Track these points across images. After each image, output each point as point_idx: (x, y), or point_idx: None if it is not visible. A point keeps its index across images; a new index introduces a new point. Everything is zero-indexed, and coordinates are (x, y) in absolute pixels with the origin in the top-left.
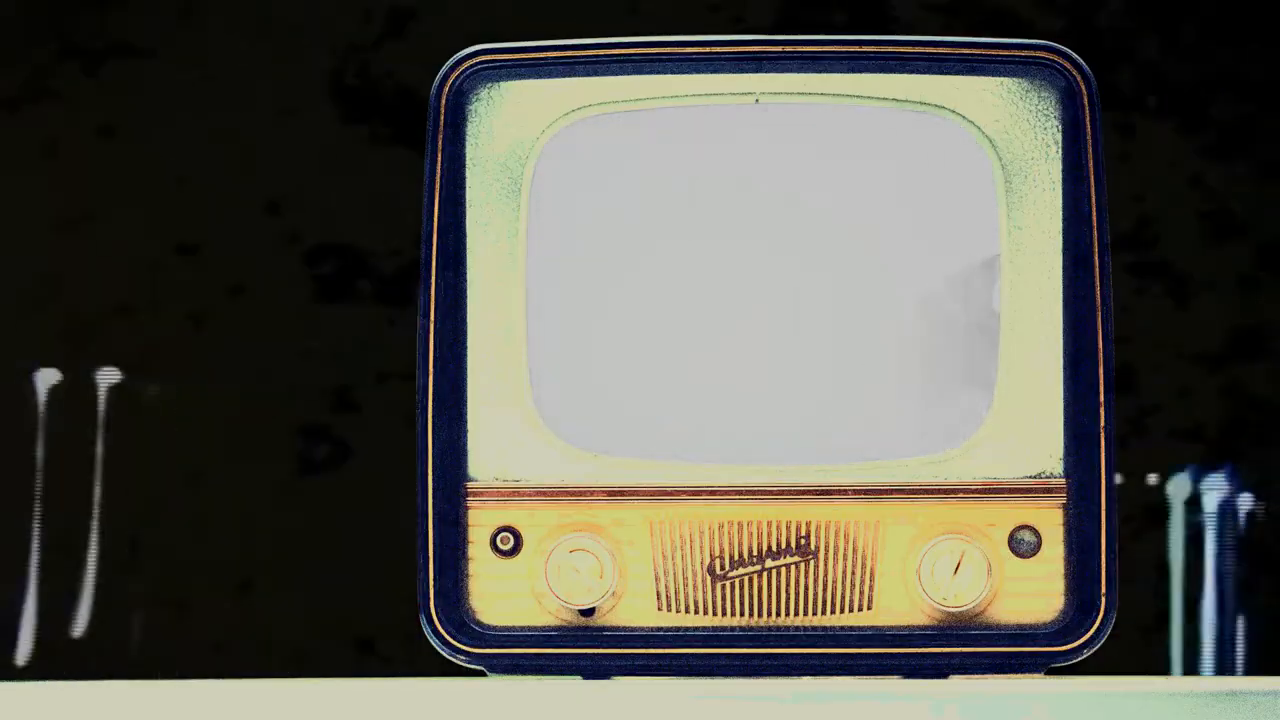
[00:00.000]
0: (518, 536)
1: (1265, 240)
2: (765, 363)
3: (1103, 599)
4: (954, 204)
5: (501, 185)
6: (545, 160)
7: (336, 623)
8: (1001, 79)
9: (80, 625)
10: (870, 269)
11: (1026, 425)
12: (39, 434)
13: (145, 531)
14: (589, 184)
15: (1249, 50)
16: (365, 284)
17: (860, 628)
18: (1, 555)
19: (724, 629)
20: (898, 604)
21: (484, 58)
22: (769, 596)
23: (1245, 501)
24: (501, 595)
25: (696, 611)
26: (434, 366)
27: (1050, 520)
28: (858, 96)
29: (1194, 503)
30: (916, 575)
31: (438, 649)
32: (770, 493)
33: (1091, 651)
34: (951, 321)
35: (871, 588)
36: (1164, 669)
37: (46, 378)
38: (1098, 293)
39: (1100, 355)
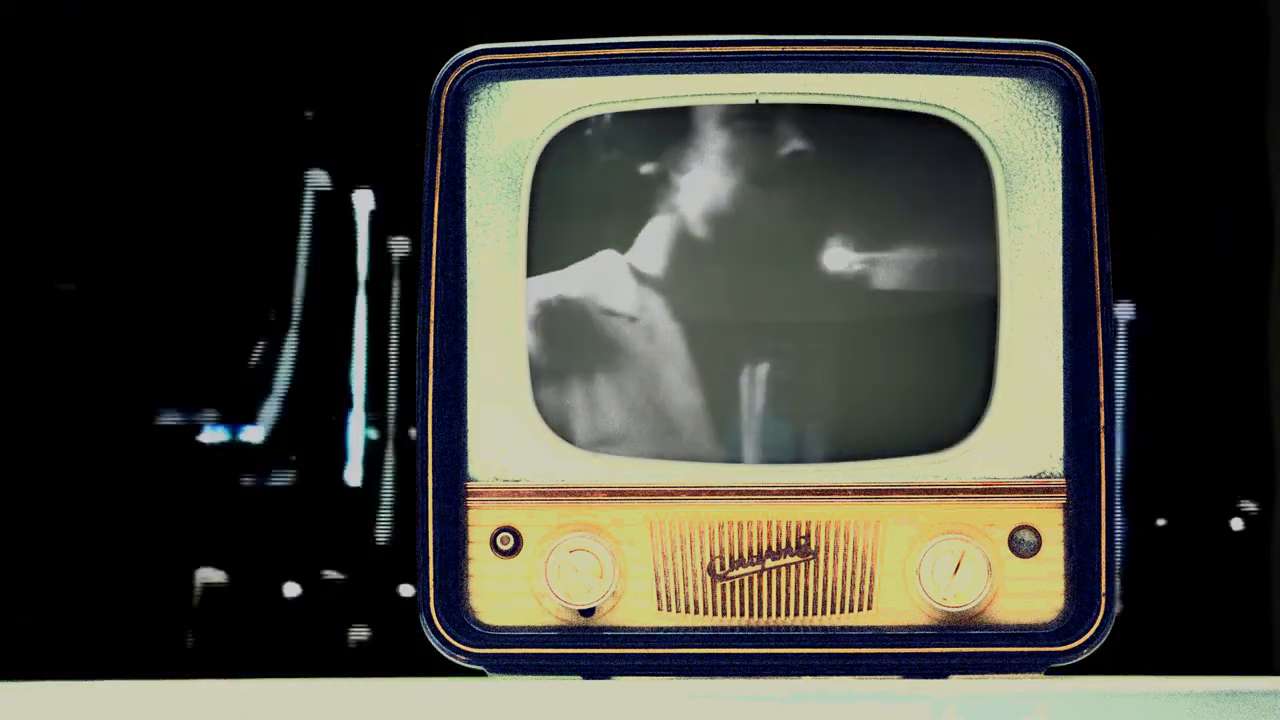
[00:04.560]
0: (518, 536)
1: None
2: (765, 362)
3: (1103, 599)
4: (954, 204)
5: (501, 185)
6: (545, 160)
7: (336, 622)
8: (1001, 79)
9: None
10: (870, 268)
11: (1026, 425)
12: None
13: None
14: (589, 184)
15: None
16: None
17: (860, 628)
18: None
19: (724, 629)
20: (898, 604)
21: (484, 58)
22: (769, 596)
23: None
24: (501, 595)
25: (696, 611)
26: (434, 366)
27: (1050, 520)
28: (858, 96)
29: None
30: (916, 575)
31: (438, 649)
32: (770, 493)
33: (1091, 651)
34: (952, 321)
35: (871, 588)
36: None
37: None
38: (1098, 293)
39: (1100, 355)
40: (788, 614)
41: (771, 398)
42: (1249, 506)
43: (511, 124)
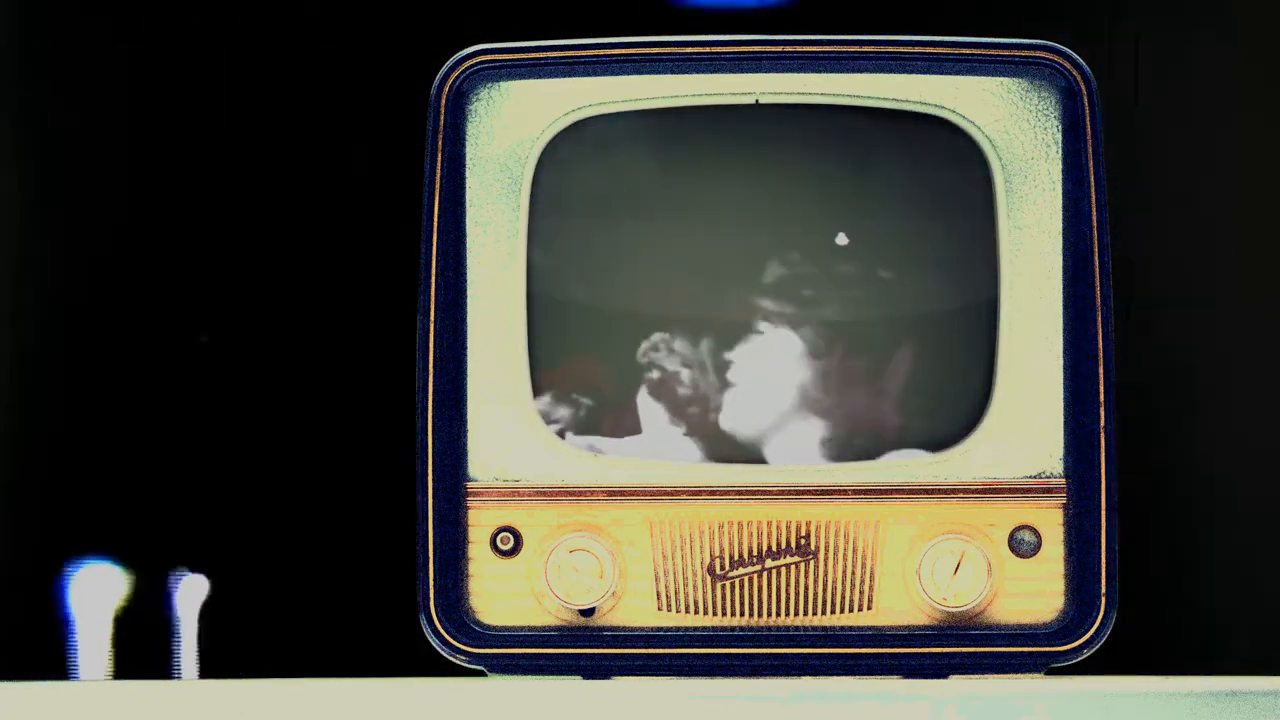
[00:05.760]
0: (518, 536)
1: None
2: (765, 362)
3: (1103, 599)
4: (954, 204)
5: (501, 185)
6: (545, 160)
7: (337, 622)
8: (1001, 79)
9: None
10: (870, 268)
11: (1026, 425)
12: None
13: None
14: (589, 184)
15: None
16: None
17: (860, 628)
18: None
19: (724, 629)
20: (898, 604)
21: (484, 58)
22: (769, 596)
23: None
24: (501, 595)
25: (696, 611)
26: (434, 366)
27: (1050, 520)
28: (858, 96)
29: None
30: (916, 575)
31: (438, 649)
32: (770, 493)
33: (1091, 651)
34: (952, 321)
35: (871, 588)
36: None
37: None
38: (1098, 293)
39: (1100, 355)
40: (788, 614)
41: (771, 398)
42: None
43: (511, 124)
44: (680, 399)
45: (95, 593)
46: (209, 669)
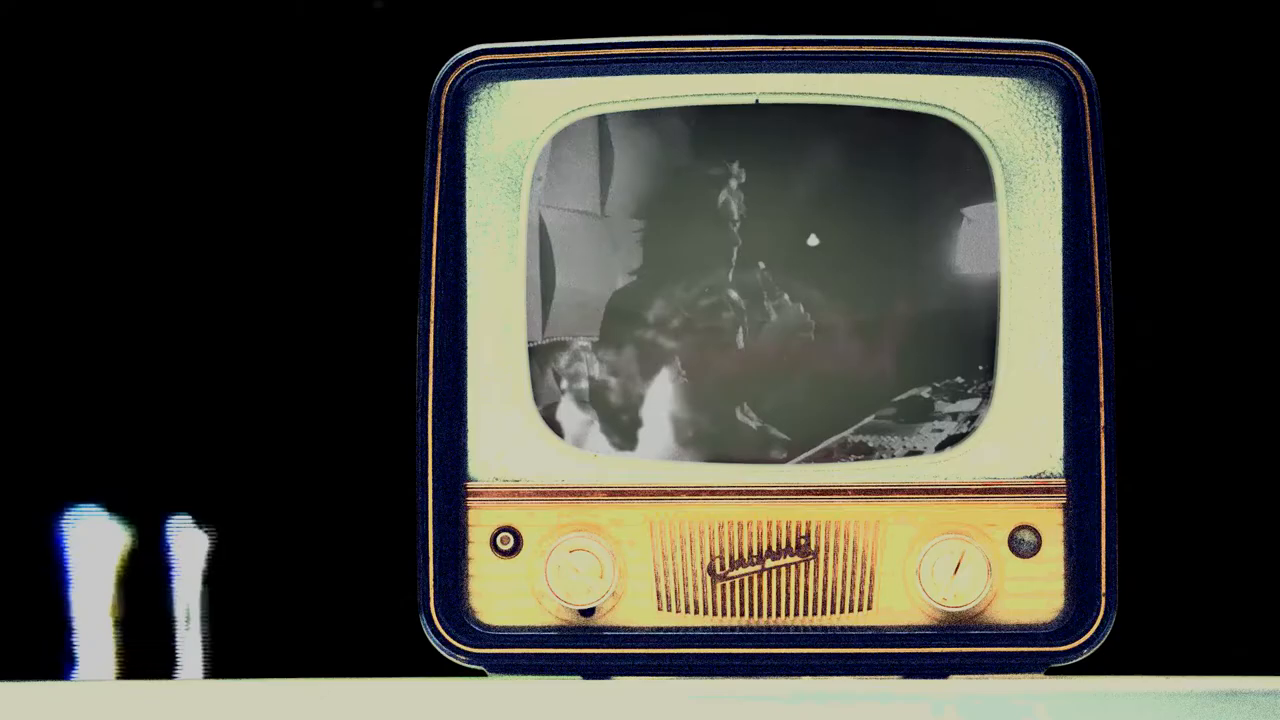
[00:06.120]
0: (518, 536)
1: None
2: (765, 362)
3: (1103, 599)
4: (954, 204)
5: (501, 185)
6: (545, 160)
7: (337, 622)
8: (1001, 79)
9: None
10: (871, 269)
11: (1026, 425)
12: None
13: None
14: (589, 184)
15: None
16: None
17: (860, 628)
18: None
19: (724, 629)
20: (898, 604)
21: (484, 58)
22: (769, 596)
23: None
24: (501, 595)
25: (696, 611)
26: (434, 366)
27: (1050, 520)
28: (858, 96)
29: None
30: (916, 575)
31: (438, 649)
32: (770, 493)
33: (1091, 651)
34: (952, 321)
35: (871, 588)
36: None
37: None
38: (1098, 293)
39: (1100, 355)
40: (788, 614)
41: (772, 397)
42: None
43: (511, 124)
44: (680, 398)
45: (95, 564)
46: (210, 669)
